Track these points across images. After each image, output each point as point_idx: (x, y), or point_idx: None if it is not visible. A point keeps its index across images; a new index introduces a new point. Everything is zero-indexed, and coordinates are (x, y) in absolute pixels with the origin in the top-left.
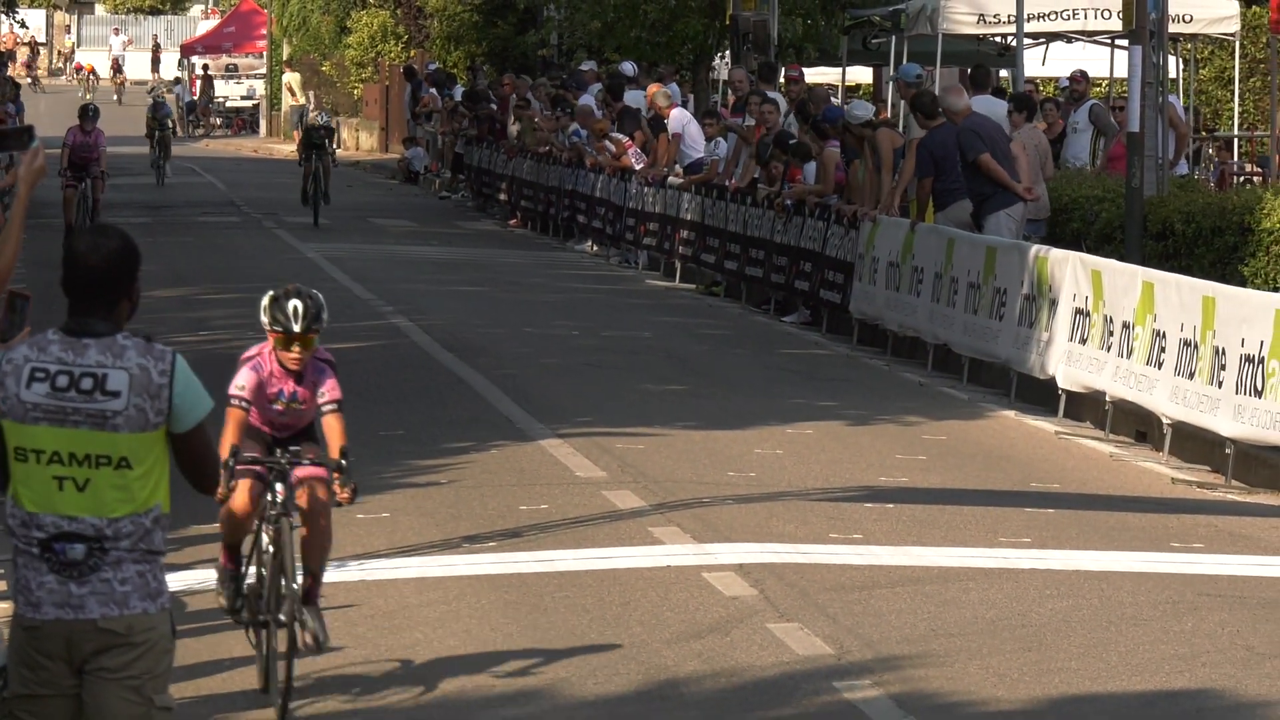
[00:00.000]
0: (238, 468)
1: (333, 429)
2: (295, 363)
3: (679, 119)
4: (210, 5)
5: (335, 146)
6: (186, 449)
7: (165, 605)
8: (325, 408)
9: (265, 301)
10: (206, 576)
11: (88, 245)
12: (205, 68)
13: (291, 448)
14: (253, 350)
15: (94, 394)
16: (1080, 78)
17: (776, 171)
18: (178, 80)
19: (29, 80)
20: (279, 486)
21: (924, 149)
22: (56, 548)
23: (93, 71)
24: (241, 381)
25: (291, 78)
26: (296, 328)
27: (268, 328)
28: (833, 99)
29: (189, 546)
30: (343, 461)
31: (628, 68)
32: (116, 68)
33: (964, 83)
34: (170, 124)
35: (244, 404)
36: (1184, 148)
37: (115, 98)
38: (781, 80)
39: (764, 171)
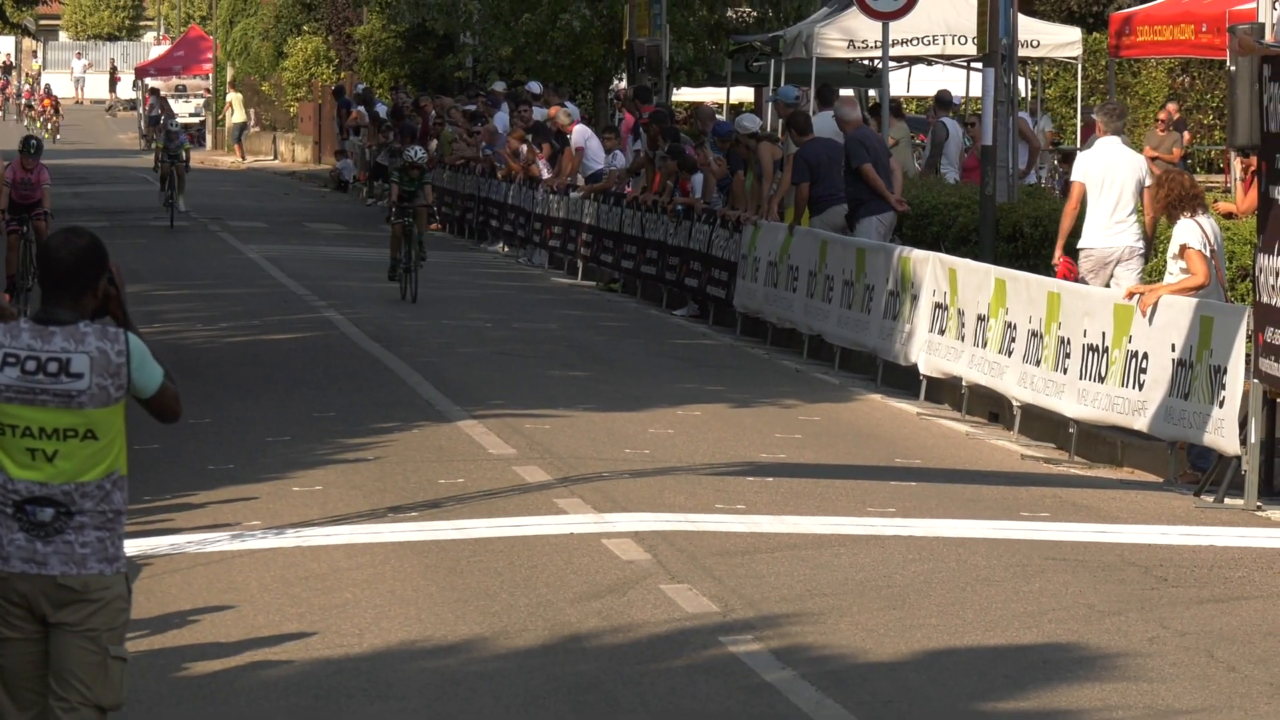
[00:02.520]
0: None
1: None
2: None
3: (581, 134)
4: (162, 32)
5: (433, 203)
6: (156, 406)
7: (121, 569)
8: None
9: None
10: (158, 543)
11: (59, 242)
12: (183, 88)
13: None
14: None
15: (59, 376)
16: (943, 97)
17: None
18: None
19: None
20: None
21: (800, 159)
22: (28, 509)
23: (48, 106)
24: None
25: (234, 97)
26: None
27: None
28: (718, 116)
29: (145, 516)
30: None
31: (534, 87)
32: (55, 107)
33: (814, 100)
34: (185, 155)
35: None
36: (1035, 160)
37: (46, 131)
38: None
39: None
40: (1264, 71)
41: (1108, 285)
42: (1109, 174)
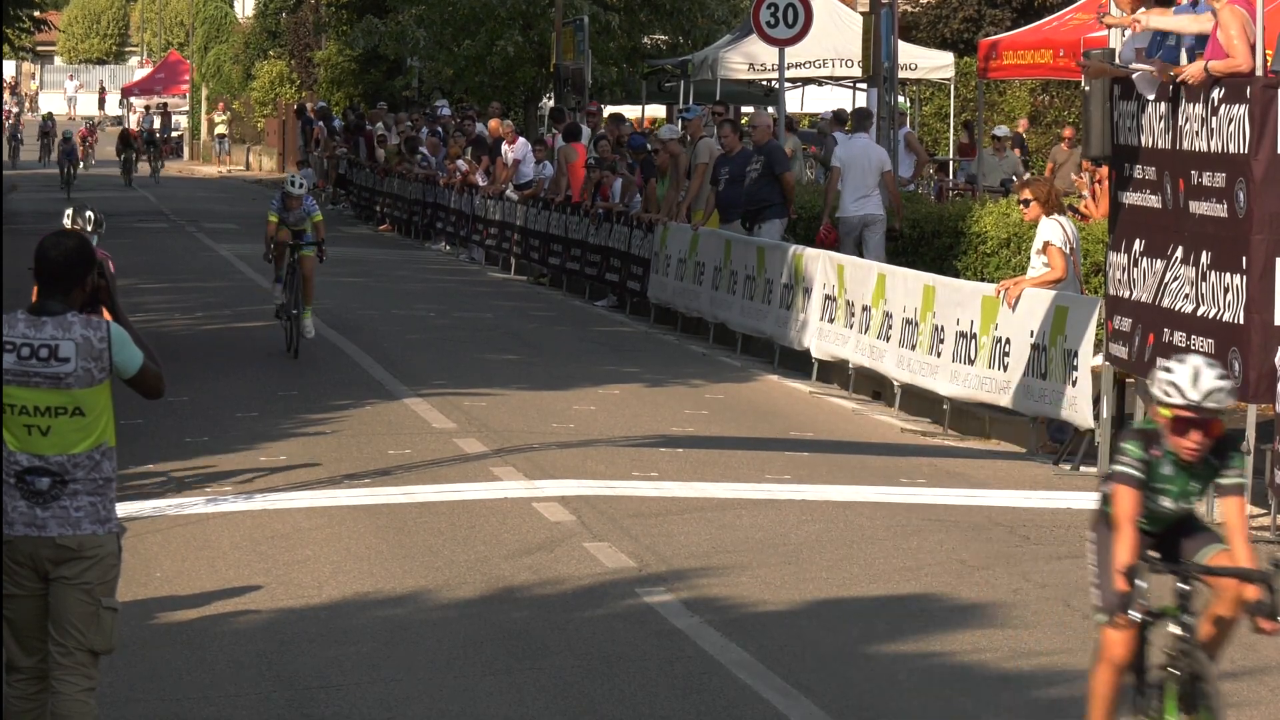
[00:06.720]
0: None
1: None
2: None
3: (522, 147)
4: (145, 56)
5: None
6: (139, 385)
7: (113, 530)
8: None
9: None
10: (141, 506)
11: (50, 244)
12: (164, 105)
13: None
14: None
15: (49, 361)
16: (834, 115)
17: (592, 185)
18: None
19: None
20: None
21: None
22: (28, 479)
23: (82, 136)
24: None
25: (217, 116)
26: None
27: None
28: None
29: (129, 482)
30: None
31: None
32: (87, 136)
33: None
34: (313, 236)
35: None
36: (922, 168)
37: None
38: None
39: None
40: (1114, 91)
41: (858, 244)
42: (857, 161)
